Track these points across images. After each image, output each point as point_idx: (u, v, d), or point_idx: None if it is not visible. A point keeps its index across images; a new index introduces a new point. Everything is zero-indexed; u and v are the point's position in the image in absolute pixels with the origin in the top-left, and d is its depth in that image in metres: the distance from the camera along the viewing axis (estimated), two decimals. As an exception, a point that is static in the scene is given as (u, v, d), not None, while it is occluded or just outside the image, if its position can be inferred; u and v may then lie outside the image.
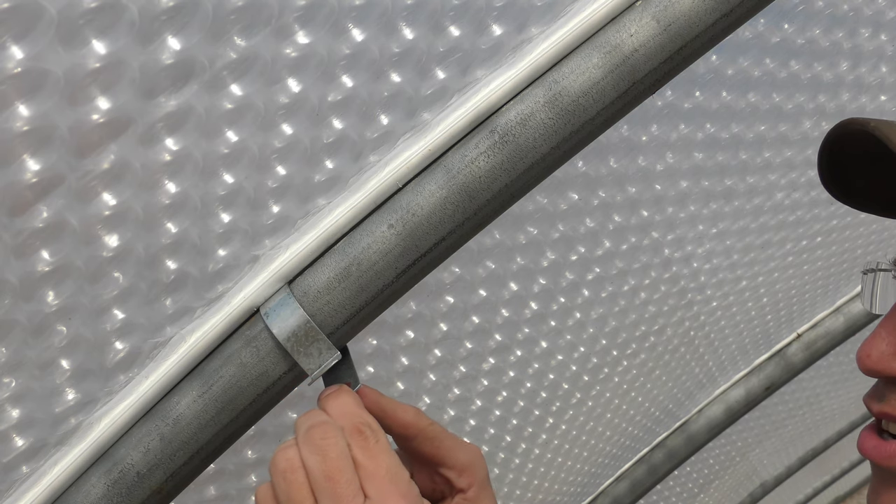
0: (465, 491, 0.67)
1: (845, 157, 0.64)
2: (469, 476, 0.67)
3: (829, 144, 0.64)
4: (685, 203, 1.19)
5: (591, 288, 1.18)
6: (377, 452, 0.59)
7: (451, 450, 0.67)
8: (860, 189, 0.67)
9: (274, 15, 0.55)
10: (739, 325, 1.62)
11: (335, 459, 0.57)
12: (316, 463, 0.57)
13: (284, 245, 0.66)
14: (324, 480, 0.56)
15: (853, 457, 3.37)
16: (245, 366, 0.64)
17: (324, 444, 0.58)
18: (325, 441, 0.58)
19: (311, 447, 0.58)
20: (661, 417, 1.75)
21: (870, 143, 0.58)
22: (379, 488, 0.57)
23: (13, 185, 0.51)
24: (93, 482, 0.66)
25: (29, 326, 0.58)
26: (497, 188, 0.64)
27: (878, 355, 0.58)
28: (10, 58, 0.46)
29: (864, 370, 0.59)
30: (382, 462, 0.58)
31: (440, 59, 0.64)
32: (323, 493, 0.56)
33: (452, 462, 0.67)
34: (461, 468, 0.67)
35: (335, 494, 0.56)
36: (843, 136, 0.62)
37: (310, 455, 0.57)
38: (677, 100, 1.04)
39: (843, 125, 0.61)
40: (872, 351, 0.59)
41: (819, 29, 1.07)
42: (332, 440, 0.58)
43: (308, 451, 0.58)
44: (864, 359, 0.59)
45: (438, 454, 0.66)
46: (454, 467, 0.67)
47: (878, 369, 0.59)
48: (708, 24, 0.64)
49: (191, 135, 0.57)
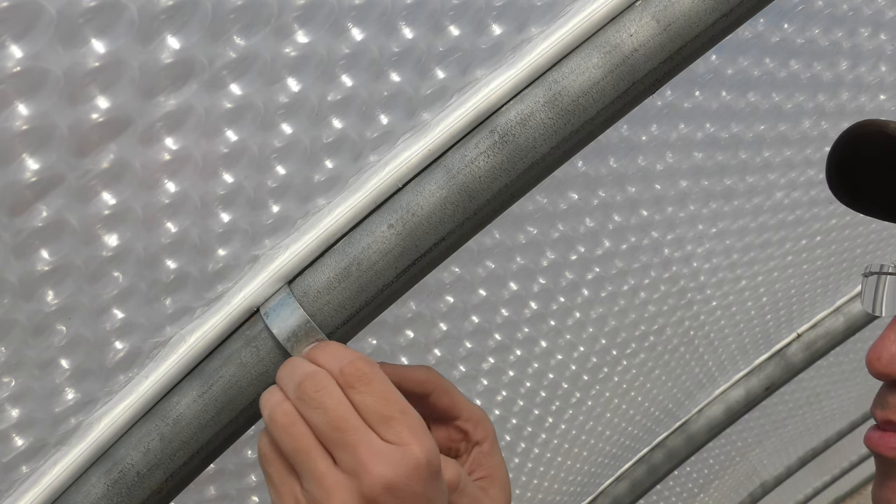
0: (480, 444, 0.66)
1: (856, 160, 0.64)
2: (484, 428, 0.67)
3: (842, 146, 0.64)
4: (685, 203, 1.19)
5: (590, 288, 1.18)
6: (386, 393, 0.56)
7: (466, 403, 0.67)
8: (866, 191, 0.67)
9: (273, 14, 0.55)
10: (739, 324, 1.62)
11: (336, 409, 0.55)
12: (318, 416, 0.55)
13: (284, 245, 0.66)
14: (331, 431, 0.55)
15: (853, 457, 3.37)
16: (245, 366, 0.64)
17: (318, 396, 0.56)
18: (319, 393, 0.56)
19: (307, 402, 0.56)
20: (661, 417, 1.75)
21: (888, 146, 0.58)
22: (399, 433, 0.55)
23: (13, 185, 0.51)
24: (93, 482, 0.66)
25: (29, 326, 0.58)
26: (497, 188, 0.64)
27: (888, 358, 0.58)
28: (10, 57, 0.46)
29: (873, 373, 0.60)
30: (394, 403, 0.56)
31: (440, 58, 0.64)
32: (334, 444, 0.55)
33: (469, 413, 0.66)
34: (476, 420, 0.67)
35: (347, 443, 0.54)
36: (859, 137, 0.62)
37: (308, 411, 0.56)
38: (677, 100, 1.04)
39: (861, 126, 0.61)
40: (883, 353, 0.59)
41: (819, 28, 1.07)
42: (325, 390, 0.56)
43: (305, 407, 0.56)
44: (874, 362, 0.59)
45: (455, 407, 0.66)
46: (470, 419, 0.66)
47: (887, 372, 0.59)
48: (708, 24, 0.64)
49: (190, 134, 0.57)
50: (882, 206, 0.67)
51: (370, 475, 0.53)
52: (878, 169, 0.63)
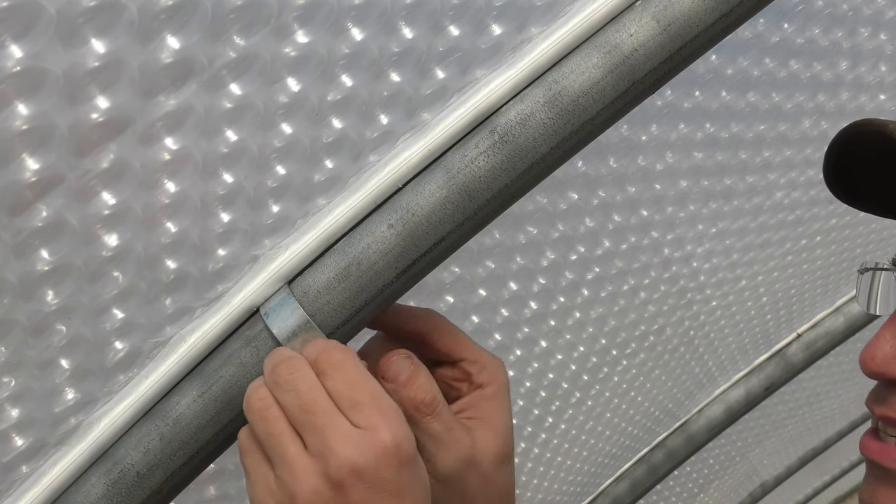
0: (483, 387, 0.64)
1: (854, 159, 0.64)
2: (490, 373, 0.64)
3: (838, 145, 0.64)
4: (685, 202, 1.19)
5: (590, 287, 1.18)
6: (357, 379, 0.57)
7: (474, 346, 0.65)
8: (864, 190, 0.66)
9: (273, 14, 0.55)
10: (739, 324, 1.62)
11: (307, 392, 0.55)
12: (290, 399, 0.55)
13: (284, 245, 0.66)
14: (301, 414, 0.55)
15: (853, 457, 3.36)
16: (245, 366, 0.64)
17: (292, 379, 0.56)
18: (293, 375, 0.56)
19: (281, 385, 0.56)
20: (661, 417, 1.75)
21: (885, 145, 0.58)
22: (368, 417, 0.55)
23: (12, 185, 0.51)
24: (93, 482, 0.66)
25: (28, 326, 0.58)
26: (497, 188, 0.64)
27: (882, 358, 0.58)
28: (10, 56, 0.46)
29: (867, 373, 0.59)
30: (364, 389, 0.56)
31: (440, 58, 0.64)
32: (304, 427, 0.55)
33: (475, 356, 0.64)
34: (483, 363, 0.65)
35: (315, 425, 0.54)
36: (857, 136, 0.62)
37: (282, 393, 0.56)
38: (677, 100, 1.04)
39: (858, 125, 0.61)
40: (877, 353, 0.58)
41: (818, 28, 1.07)
42: (299, 373, 0.56)
43: (279, 390, 0.56)
44: (868, 362, 0.59)
45: (458, 347, 0.64)
46: (476, 361, 0.64)
47: (882, 372, 0.59)
48: (708, 24, 0.64)
49: (190, 134, 0.57)
50: (882, 203, 0.67)
51: (337, 457, 0.53)
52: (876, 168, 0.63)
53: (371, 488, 0.53)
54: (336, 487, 0.53)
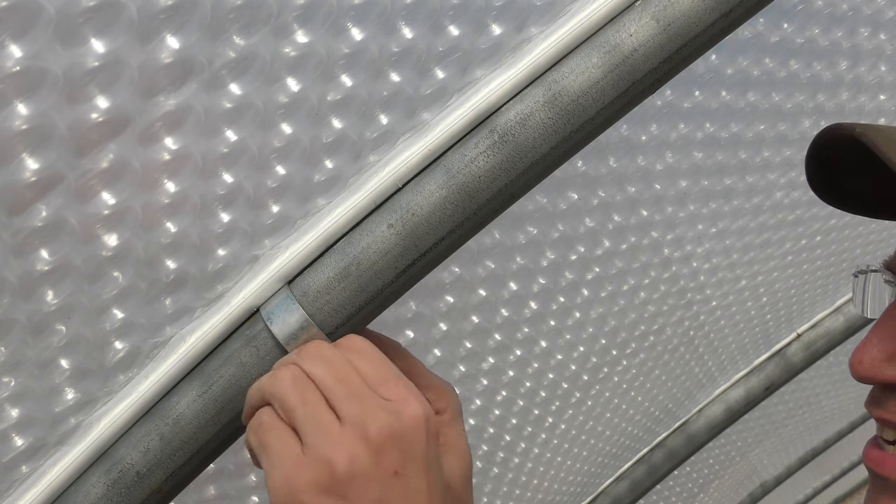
0: (441, 413, 0.65)
1: (833, 162, 0.64)
2: (446, 399, 0.66)
3: (815, 151, 0.64)
4: (685, 202, 1.19)
5: (590, 287, 1.18)
6: (381, 360, 0.58)
7: (427, 372, 0.67)
8: (849, 192, 0.66)
9: (273, 14, 0.55)
10: (739, 324, 1.62)
11: (341, 365, 0.57)
12: (322, 371, 0.56)
13: (284, 245, 0.66)
14: (335, 383, 0.56)
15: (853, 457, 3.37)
16: (245, 366, 0.64)
17: (321, 354, 0.57)
18: (322, 351, 0.58)
19: (314, 358, 0.57)
20: (661, 417, 1.75)
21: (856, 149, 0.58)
22: (396, 391, 0.56)
23: (12, 184, 0.51)
24: (92, 482, 0.66)
25: (28, 326, 0.58)
26: (497, 188, 0.64)
27: (869, 362, 0.58)
28: (9, 56, 0.46)
29: (856, 377, 0.59)
30: (389, 367, 0.58)
31: (439, 58, 0.64)
32: (339, 396, 0.55)
33: (428, 382, 0.65)
34: (438, 389, 0.66)
35: (352, 393, 0.55)
36: (830, 141, 0.62)
37: (313, 366, 0.57)
38: (677, 99, 1.04)
39: (829, 130, 0.61)
40: (864, 357, 0.58)
41: (818, 28, 1.07)
42: (329, 349, 0.58)
43: (310, 362, 0.57)
44: (856, 366, 0.59)
45: (413, 374, 0.64)
46: (430, 387, 0.65)
47: (869, 376, 0.58)
48: (707, 24, 0.64)
49: (190, 134, 0.57)
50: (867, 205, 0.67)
51: (377, 422, 0.54)
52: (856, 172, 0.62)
53: (404, 456, 0.54)
54: (375, 453, 0.54)
